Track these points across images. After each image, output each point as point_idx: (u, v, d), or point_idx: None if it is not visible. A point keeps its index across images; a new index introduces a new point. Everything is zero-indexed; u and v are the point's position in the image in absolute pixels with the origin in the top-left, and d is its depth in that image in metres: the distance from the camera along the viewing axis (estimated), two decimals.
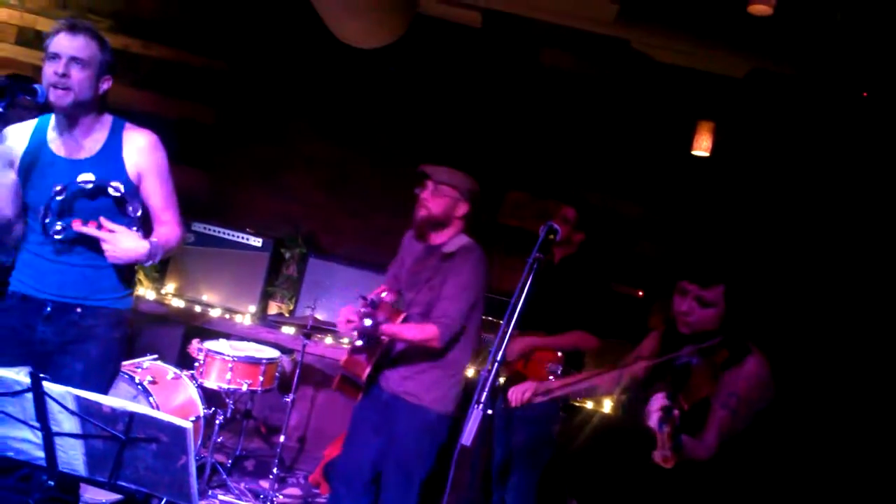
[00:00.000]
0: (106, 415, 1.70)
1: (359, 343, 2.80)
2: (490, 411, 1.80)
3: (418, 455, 2.83)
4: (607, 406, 4.22)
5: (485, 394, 1.82)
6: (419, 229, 2.93)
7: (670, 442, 1.89)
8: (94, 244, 2.30)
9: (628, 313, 4.26)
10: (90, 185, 2.30)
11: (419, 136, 4.83)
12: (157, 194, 2.46)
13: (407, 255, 3.04)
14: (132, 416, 1.68)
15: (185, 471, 1.73)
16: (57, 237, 2.29)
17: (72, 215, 2.30)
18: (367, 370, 2.80)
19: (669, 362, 2.18)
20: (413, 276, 2.95)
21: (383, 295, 2.79)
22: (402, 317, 2.85)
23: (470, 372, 4.25)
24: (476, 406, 1.79)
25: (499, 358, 1.86)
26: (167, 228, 2.46)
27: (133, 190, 2.39)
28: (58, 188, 2.28)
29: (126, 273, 2.46)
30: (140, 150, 2.43)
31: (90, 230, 2.25)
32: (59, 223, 2.29)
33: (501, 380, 3.65)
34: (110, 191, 2.32)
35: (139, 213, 2.37)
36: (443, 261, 2.86)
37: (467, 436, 1.78)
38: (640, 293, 4.32)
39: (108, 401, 1.70)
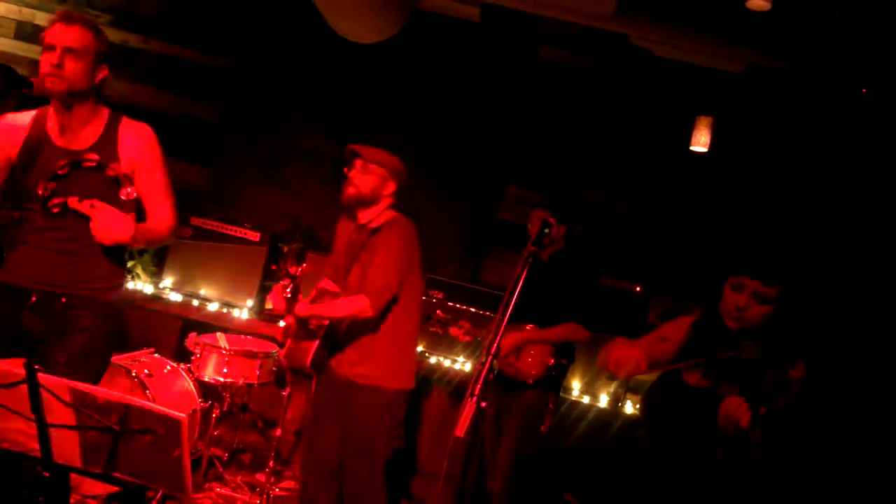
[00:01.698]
0: (101, 406, 1.71)
1: (297, 331, 2.84)
2: (484, 403, 1.80)
3: (378, 434, 2.85)
4: (603, 401, 4.23)
5: (479, 386, 1.82)
6: (349, 209, 2.97)
7: (760, 440, 1.90)
8: (82, 232, 2.30)
9: (626, 308, 4.26)
10: (92, 164, 2.33)
11: (418, 131, 4.83)
12: (153, 188, 2.47)
13: (340, 240, 3.08)
14: (127, 408, 1.69)
15: (179, 462, 1.73)
16: (53, 209, 2.30)
17: (69, 192, 2.31)
18: (310, 356, 2.81)
19: (733, 359, 2.14)
20: (345, 258, 2.99)
21: (302, 266, 2.80)
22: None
23: (468, 366, 4.28)
24: (470, 398, 1.79)
25: (493, 350, 1.86)
26: (160, 219, 2.47)
27: (128, 178, 2.40)
28: (62, 163, 2.30)
29: (115, 263, 2.46)
30: (137, 143, 2.44)
31: (83, 207, 2.27)
32: (56, 197, 2.31)
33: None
34: (109, 172, 2.33)
35: (133, 198, 2.37)
36: (370, 235, 2.90)
37: (461, 427, 1.78)
38: (638, 288, 4.32)
39: (103, 392, 1.70)
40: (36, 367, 1.70)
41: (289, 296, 2.70)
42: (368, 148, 2.91)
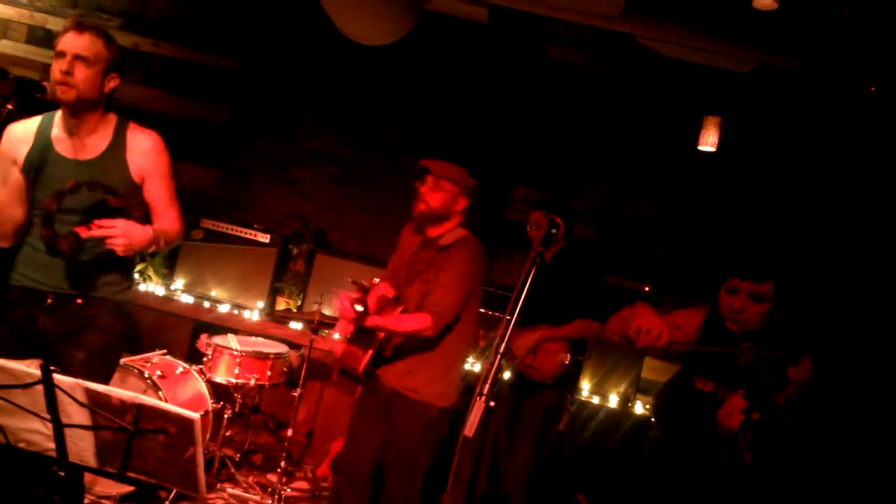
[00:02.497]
0: (115, 406, 1.73)
1: (354, 336, 2.83)
2: (493, 403, 1.81)
3: (420, 449, 2.84)
4: (613, 401, 4.23)
5: (487, 385, 1.84)
6: (418, 223, 2.95)
7: (750, 442, 1.92)
8: (94, 241, 2.32)
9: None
10: (92, 204, 2.31)
11: (427, 132, 4.85)
12: (160, 194, 2.50)
13: (405, 248, 3.06)
14: (140, 408, 1.71)
15: (192, 462, 1.76)
16: (69, 252, 2.27)
17: (68, 214, 2.30)
18: (363, 363, 2.80)
19: (732, 358, 2.15)
20: (409, 270, 2.96)
21: (375, 280, 2.80)
22: (399, 310, 2.87)
23: (477, 367, 4.29)
24: (479, 398, 1.81)
25: (501, 350, 1.88)
26: (168, 224, 2.49)
27: (135, 190, 2.43)
28: (55, 205, 2.26)
29: (125, 266, 2.50)
30: (144, 151, 2.46)
31: (95, 233, 2.24)
32: (64, 241, 2.26)
33: (507, 374, 3.68)
34: (112, 203, 2.31)
35: (143, 209, 2.40)
36: (438, 252, 2.87)
37: (469, 427, 1.80)
38: (647, 288, 4.32)
39: (117, 393, 1.73)
40: (52, 367, 1.73)
41: (361, 308, 2.63)
42: (439, 163, 2.87)
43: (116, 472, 1.81)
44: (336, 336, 3.81)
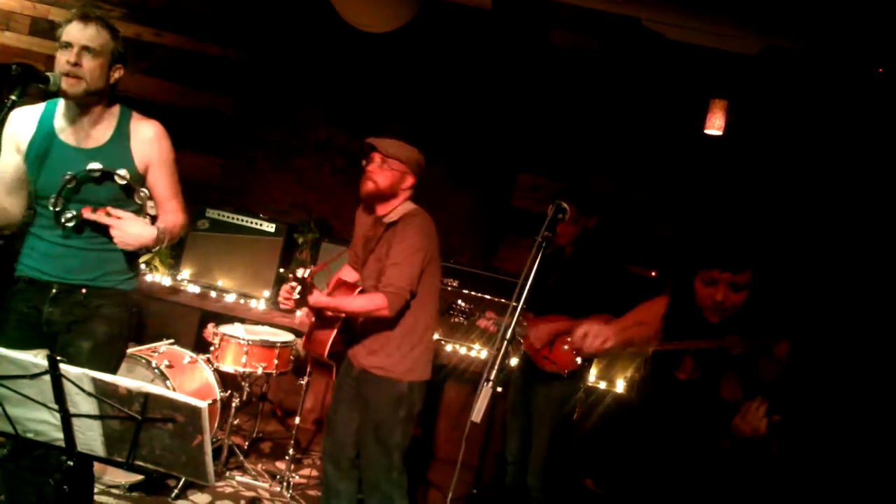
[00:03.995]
0: (122, 396, 1.73)
1: (314, 322, 2.86)
2: (500, 389, 1.81)
3: (393, 426, 2.86)
4: (620, 386, 4.23)
5: (494, 371, 1.83)
6: (366, 202, 2.95)
7: (780, 448, 1.91)
8: (100, 229, 2.34)
9: (642, 293, 4.25)
10: (97, 174, 2.34)
11: (430, 119, 4.83)
12: (163, 183, 2.50)
13: (360, 230, 3.07)
14: (147, 397, 1.71)
15: (200, 450, 1.76)
16: (68, 225, 2.34)
17: (81, 203, 2.33)
18: (327, 347, 2.82)
19: (723, 353, 2.13)
20: (364, 249, 2.98)
21: (307, 272, 2.78)
22: (356, 291, 2.89)
23: (484, 353, 4.29)
24: (486, 384, 1.80)
25: (508, 336, 1.87)
26: (172, 215, 2.50)
27: (139, 179, 2.43)
28: (67, 177, 2.31)
29: (131, 256, 2.50)
30: (147, 140, 2.46)
31: (99, 217, 2.28)
32: (69, 212, 2.33)
33: (514, 361, 3.68)
34: (117, 179, 2.35)
35: (147, 198, 2.40)
36: (387, 229, 2.87)
37: (477, 413, 1.80)
38: (654, 273, 4.31)
39: (124, 382, 1.73)
40: (58, 358, 1.73)
41: (297, 296, 2.67)
42: (386, 141, 2.87)
43: (125, 462, 1.82)
44: (297, 318, 3.83)
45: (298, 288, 2.65)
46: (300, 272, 2.64)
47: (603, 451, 4.09)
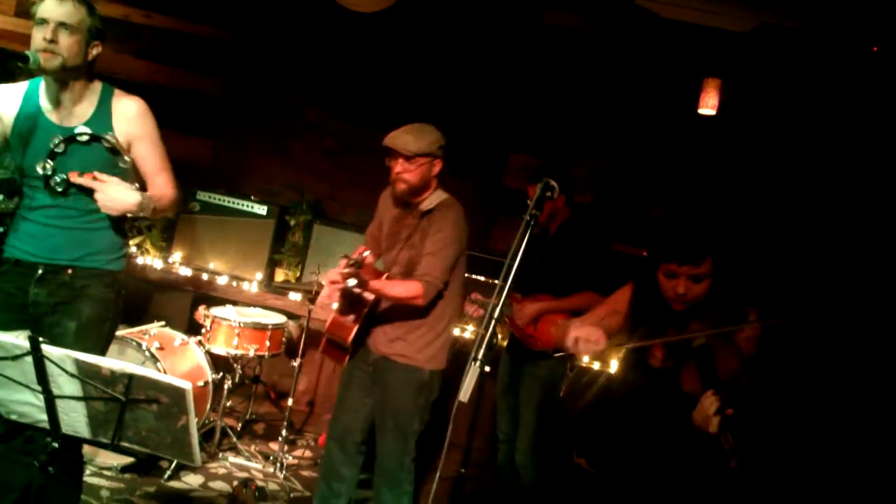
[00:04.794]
0: (105, 377, 1.72)
1: (341, 306, 2.81)
2: (487, 368, 1.80)
3: (413, 413, 2.85)
4: (613, 366, 4.23)
5: (482, 350, 1.82)
6: (401, 201, 2.90)
7: (734, 443, 1.90)
8: (86, 206, 2.33)
9: (633, 273, 4.24)
10: (86, 137, 2.34)
11: (422, 99, 4.79)
12: (149, 159, 2.48)
13: (384, 214, 3.03)
14: (131, 378, 1.70)
15: (185, 431, 1.75)
16: (57, 188, 2.32)
17: (69, 167, 2.32)
18: (353, 333, 2.79)
19: (686, 344, 2.13)
20: (392, 237, 2.94)
21: (365, 255, 2.78)
22: (383, 277, 2.85)
23: (466, 333, 4.29)
24: (473, 363, 1.80)
25: (496, 315, 1.86)
26: (161, 190, 2.47)
27: (124, 150, 2.41)
28: (56, 140, 2.31)
29: (118, 235, 2.49)
30: (130, 117, 2.44)
31: (85, 181, 2.28)
32: (58, 175, 2.32)
33: (503, 341, 3.68)
34: (104, 142, 2.34)
35: (130, 165, 2.39)
36: (421, 218, 2.84)
37: (464, 393, 1.79)
38: (645, 253, 4.30)
39: (108, 363, 1.72)
40: (41, 339, 1.72)
41: (354, 282, 2.55)
42: (402, 137, 2.77)
43: (110, 443, 1.81)
44: (318, 304, 3.80)
45: (351, 272, 2.55)
46: (358, 255, 2.61)
47: (595, 432, 4.11)
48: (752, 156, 4.50)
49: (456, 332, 4.31)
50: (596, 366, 4.22)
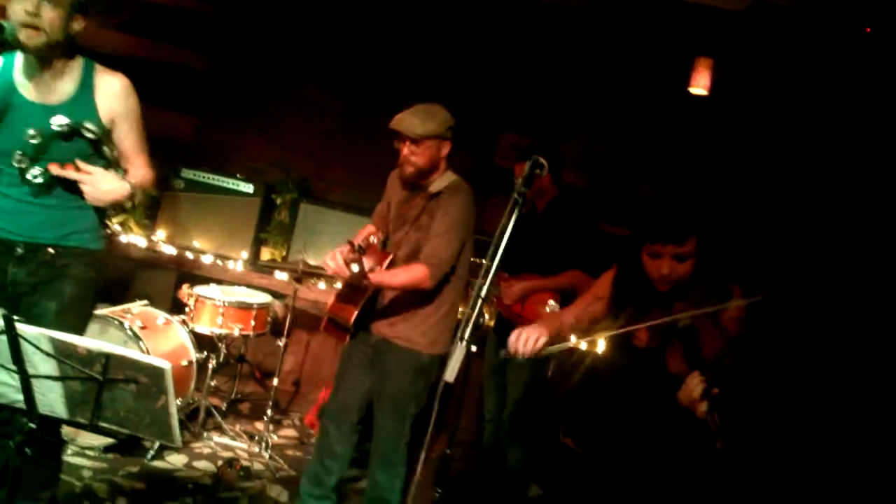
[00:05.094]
0: (82, 356, 1.68)
1: (344, 287, 2.77)
2: (474, 348, 1.77)
3: (412, 396, 2.83)
4: (601, 346, 4.22)
5: (468, 330, 1.79)
6: (410, 183, 2.85)
7: (720, 423, 1.88)
8: (67, 186, 2.26)
9: (618, 254, 4.22)
10: (65, 128, 2.24)
11: (413, 78, 4.71)
12: (130, 138, 2.41)
13: (392, 195, 2.98)
14: (109, 357, 1.66)
15: (165, 411, 1.71)
16: (36, 182, 2.25)
17: (47, 159, 2.24)
18: (355, 314, 2.76)
19: (671, 324, 2.11)
20: (399, 217, 2.89)
21: (371, 239, 2.73)
22: (388, 258, 2.81)
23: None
24: (459, 342, 1.76)
25: (483, 294, 1.82)
26: (141, 171, 2.41)
27: (106, 134, 2.33)
28: (31, 132, 2.22)
29: (99, 214, 2.43)
30: (113, 94, 2.36)
31: (68, 173, 2.20)
32: (35, 168, 2.24)
33: (491, 321, 3.66)
34: (84, 132, 2.25)
35: (115, 154, 2.31)
36: (430, 200, 2.80)
37: (450, 372, 1.76)
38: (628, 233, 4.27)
39: (84, 342, 1.67)
40: (15, 318, 1.67)
41: (357, 269, 2.52)
42: (408, 119, 2.71)
43: (88, 423, 1.77)
44: (322, 287, 3.77)
45: (354, 258, 2.52)
46: (363, 241, 2.57)
47: (582, 411, 4.11)
48: (744, 136, 4.47)
49: None
50: (583, 346, 4.21)
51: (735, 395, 2.09)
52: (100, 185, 2.21)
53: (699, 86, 4.35)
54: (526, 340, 2.15)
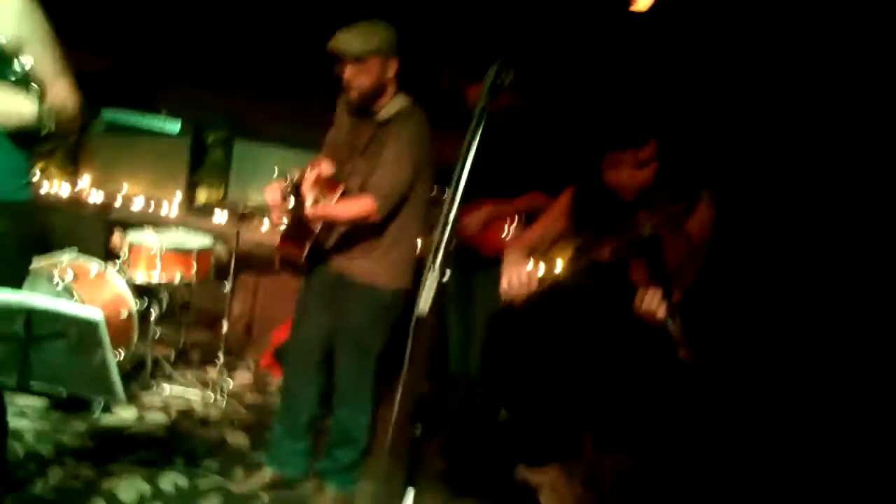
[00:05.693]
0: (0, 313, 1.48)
1: (290, 223, 2.62)
2: (447, 276, 1.64)
3: (374, 333, 2.73)
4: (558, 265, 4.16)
5: (440, 257, 1.65)
6: (357, 109, 2.65)
7: (683, 333, 1.85)
8: None
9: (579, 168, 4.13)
10: None
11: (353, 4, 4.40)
12: (44, 61, 2.11)
13: (343, 122, 2.79)
14: (30, 312, 1.46)
15: (104, 366, 1.54)
16: None
17: None
18: (305, 251, 2.62)
19: (635, 237, 2.03)
20: (349, 146, 2.71)
21: (324, 169, 2.53)
22: (340, 189, 2.62)
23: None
24: (430, 271, 1.62)
25: (451, 220, 1.67)
26: (61, 97, 2.11)
27: (13, 51, 2.03)
28: None
29: (23, 159, 2.14)
30: (16, 12, 2.05)
31: None
32: None
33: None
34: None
35: (28, 68, 2.01)
36: (379, 127, 2.62)
37: (423, 304, 1.62)
38: (574, 151, 4.16)
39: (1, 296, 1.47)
40: None
41: (293, 201, 2.43)
42: (346, 37, 2.50)
43: (17, 385, 1.58)
44: (265, 228, 3.58)
45: (290, 191, 2.40)
46: (294, 173, 2.43)
47: (543, 326, 4.06)
48: (688, 53, 4.35)
49: None
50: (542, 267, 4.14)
51: (698, 303, 2.05)
52: (4, 102, 1.91)
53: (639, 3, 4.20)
54: (518, 279, 2.10)
